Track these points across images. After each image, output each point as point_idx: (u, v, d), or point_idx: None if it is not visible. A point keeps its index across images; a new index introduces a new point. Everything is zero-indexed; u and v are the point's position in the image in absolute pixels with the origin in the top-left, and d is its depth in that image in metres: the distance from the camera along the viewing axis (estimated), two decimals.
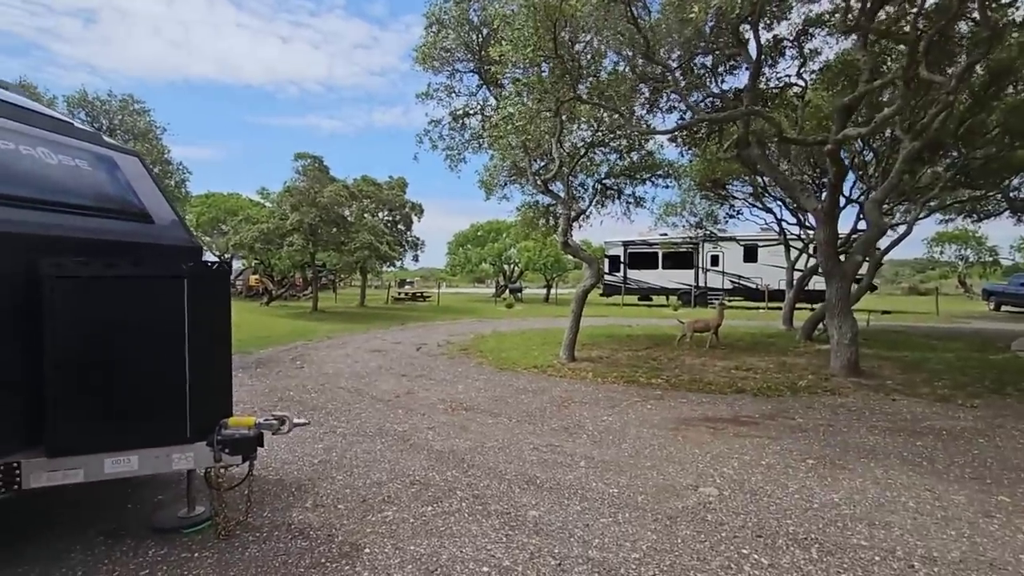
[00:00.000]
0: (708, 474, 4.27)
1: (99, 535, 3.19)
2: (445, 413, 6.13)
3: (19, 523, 3.26)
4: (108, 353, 2.94)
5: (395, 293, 32.34)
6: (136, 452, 2.97)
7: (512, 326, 16.22)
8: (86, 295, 2.90)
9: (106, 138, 4.25)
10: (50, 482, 2.85)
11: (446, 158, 10.24)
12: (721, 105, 9.16)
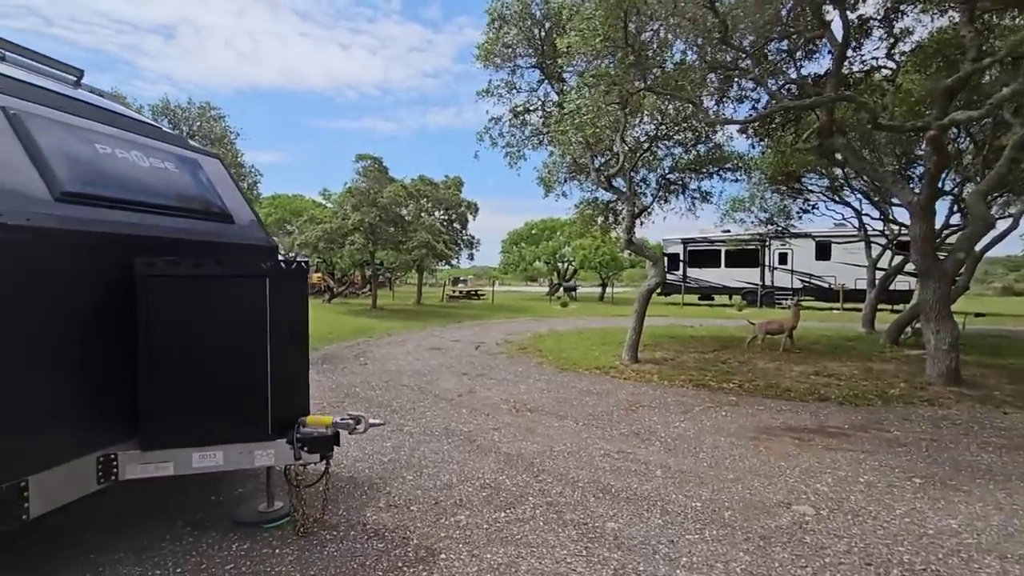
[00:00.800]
0: (799, 490, 3.94)
1: (186, 526, 3.28)
2: (509, 414, 6.03)
3: (115, 512, 3.40)
4: (196, 350, 3.00)
5: (449, 291, 32.74)
6: (221, 448, 3.02)
7: (569, 325, 15.99)
8: (176, 294, 2.97)
9: (191, 141, 4.40)
10: (143, 474, 2.94)
11: (506, 155, 10.17)
12: (799, 92, 8.57)
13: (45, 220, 2.56)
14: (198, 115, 15.61)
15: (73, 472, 2.69)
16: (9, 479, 2.37)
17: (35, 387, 2.50)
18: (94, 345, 2.79)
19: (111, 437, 2.88)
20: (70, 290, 2.67)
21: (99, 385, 2.82)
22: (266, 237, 4.35)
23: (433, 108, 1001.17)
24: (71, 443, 2.68)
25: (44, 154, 2.74)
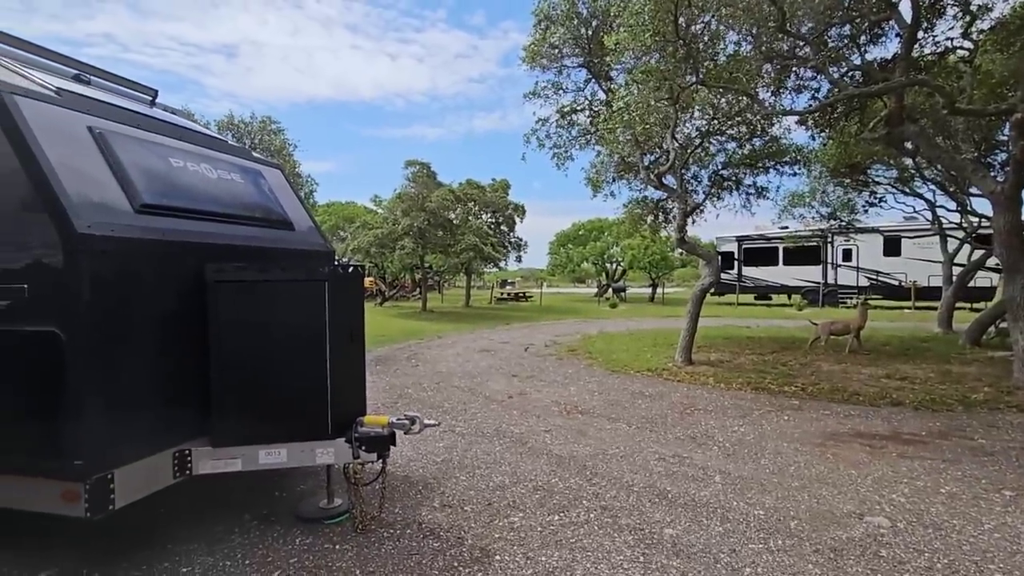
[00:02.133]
0: (873, 500, 3.70)
1: (253, 520, 3.44)
2: (560, 416, 5.99)
3: (189, 506, 3.60)
4: (261, 352, 3.14)
5: (497, 293, 32.95)
6: (285, 446, 3.15)
7: (618, 327, 15.74)
8: (243, 298, 3.12)
9: (254, 153, 4.63)
10: (214, 469, 3.11)
11: (553, 156, 10.13)
12: (864, 79, 8.09)
13: (127, 231, 2.75)
14: (259, 129, 16.48)
15: (152, 467, 2.87)
16: (97, 472, 2.56)
17: (121, 386, 2.69)
18: (171, 347, 2.97)
19: (185, 434, 3.05)
20: (149, 296, 2.86)
21: (175, 385, 3.00)
22: (324, 243, 4.51)
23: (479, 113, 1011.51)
24: (151, 439, 2.86)
25: (125, 169, 2.94)
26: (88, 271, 2.53)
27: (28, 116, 2.60)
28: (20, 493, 2.65)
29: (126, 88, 4.05)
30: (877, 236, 21.17)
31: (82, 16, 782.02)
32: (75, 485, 2.53)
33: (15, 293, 2.57)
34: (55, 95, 2.91)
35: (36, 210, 2.52)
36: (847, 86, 7.78)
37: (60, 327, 2.51)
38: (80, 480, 2.52)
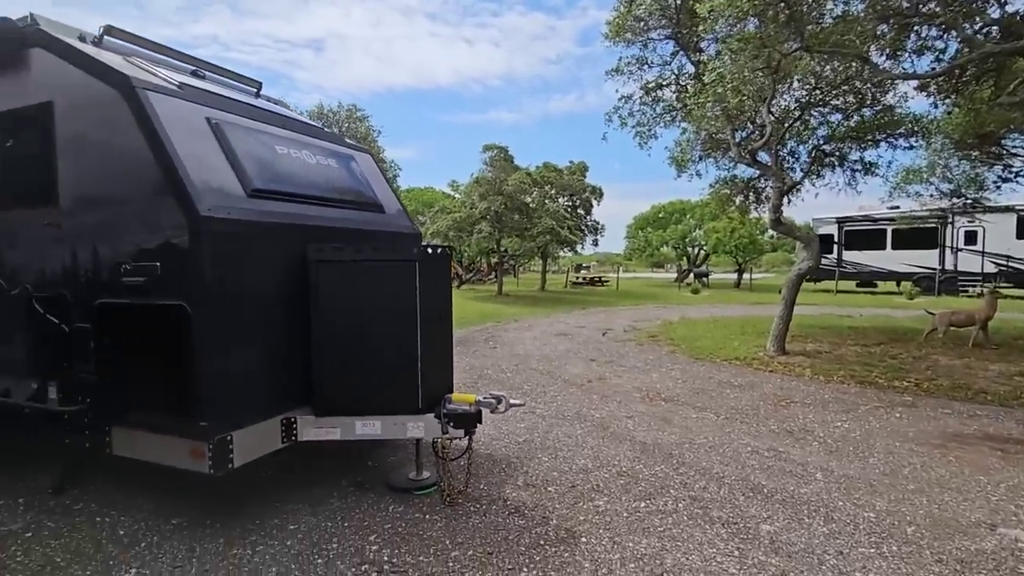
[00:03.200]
0: (1008, 511, 3.28)
1: (349, 486, 3.65)
2: (643, 402, 5.84)
3: (292, 469, 3.89)
4: (357, 328, 3.30)
5: (573, 278, 32.69)
6: (379, 418, 3.30)
7: (701, 313, 15.08)
8: (340, 277, 3.27)
9: (347, 139, 4.83)
10: (316, 437, 3.32)
11: (635, 135, 9.74)
12: (1003, 35, 7.04)
13: (241, 214, 2.96)
14: (346, 117, 17.32)
15: (264, 431, 3.11)
16: (219, 433, 2.81)
17: (238, 356, 2.93)
18: (279, 321, 3.19)
19: (292, 403, 3.28)
20: (260, 274, 3.07)
21: (283, 356, 3.22)
22: (411, 225, 4.65)
23: (556, 95, 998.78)
24: (263, 406, 3.11)
25: (238, 156, 3.17)
26: (209, 250, 2.76)
27: (157, 108, 2.85)
28: (158, 448, 2.98)
29: (235, 81, 4.34)
30: (1010, 216, 18.62)
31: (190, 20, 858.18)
32: (201, 444, 2.80)
33: (150, 271, 2.86)
34: (178, 89, 3.18)
35: (165, 194, 2.78)
36: (982, 44, 6.81)
37: (187, 301, 2.76)
38: (205, 440, 2.78)
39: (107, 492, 3.42)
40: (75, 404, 3.13)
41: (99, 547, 2.85)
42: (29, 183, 3.22)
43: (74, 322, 3.11)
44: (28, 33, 3.14)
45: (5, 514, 3.19)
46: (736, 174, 11.06)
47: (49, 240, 3.16)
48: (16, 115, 3.23)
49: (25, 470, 3.69)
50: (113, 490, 3.43)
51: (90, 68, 2.97)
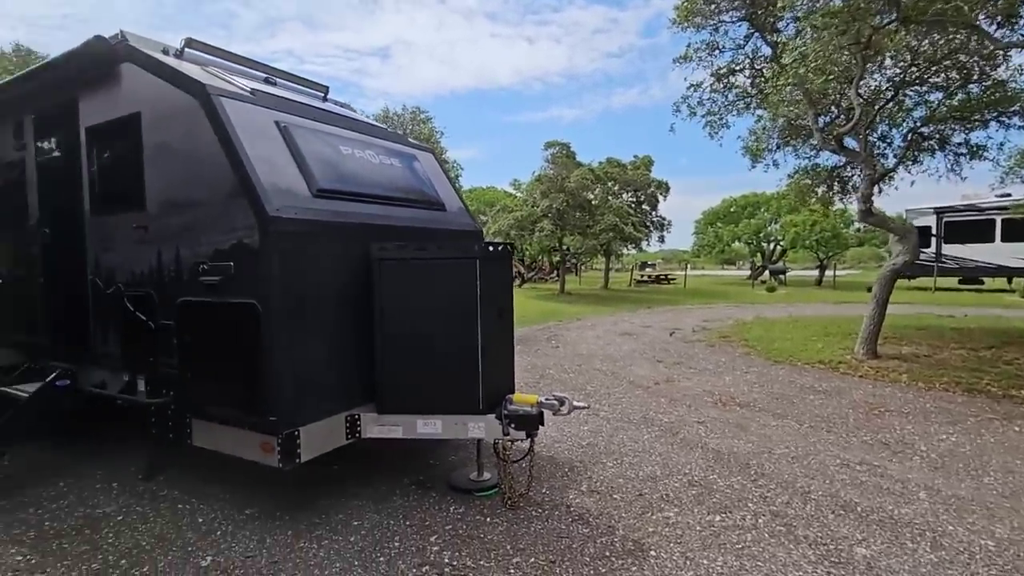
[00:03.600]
0: None
1: (411, 484, 3.65)
2: (715, 407, 5.51)
3: (357, 464, 3.95)
4: (419, 326, 3.28)
5: (637, 275, 31.86)
6: (440, 417, 3.27)
7: (778, 312, 14.18)
8: (403, 275, 3.27)
9: (410, 139, 4.86)
10: (379, 434, 3.34)
11: (705, 125, 9.25)
12: None
13: (307, 213, 3.02)
14: (410, 119, 17.76)
15: (329, 427, 3.16)
16: (287, 428, 2.87)
17: (305, 353, 2.99)
18: (345, 319, 3.23)
19: (356, 400, 3.32)
20: (325, 272, 3.12)
21: (348, 354, 3.26)
22: (473, 223, 4.61)
23: (618, 89, 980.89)
24: (329, 403, 3.15)
25: (304, 157, 3.24)
26: (277, 249, 2.82)
27: (230, 113, 2.96)
28: (232, 441, 3.10)
29: (303, 87, 4.48)
30: None
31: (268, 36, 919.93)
32: (270, 438, 2.88)
33: (225, 270, 2.97)
34: (250, 95, 3.29)
35: (238, 196, 2.87)
36: None
37: (257, 299, 2.84)
38: (274, 434, 2.86)
39: (189, 481, 3.61)
40: (160, 397, 3.32)
41: (180, 533, 3.00)
42: (121, 189, 3.45)
43: (159, 319, 3.30)
44: (119, 49, 3.36)
45: (102, 497, 3.44)
46: (818, 163, 10.28)
47: (137, 242, 3.37)
48: (111, 126, 3.48)
49: (122, 456, 3.98)
50: (194, 479, 3.62)
51: (171, 78, 3.13)
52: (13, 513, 3.24)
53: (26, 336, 4.19)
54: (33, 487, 3.58)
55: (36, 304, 4.04)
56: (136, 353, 3.45)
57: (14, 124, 4.08)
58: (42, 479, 3.70)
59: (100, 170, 3.61)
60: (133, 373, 3.49)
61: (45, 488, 3.57)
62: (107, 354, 3.67)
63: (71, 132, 3.67)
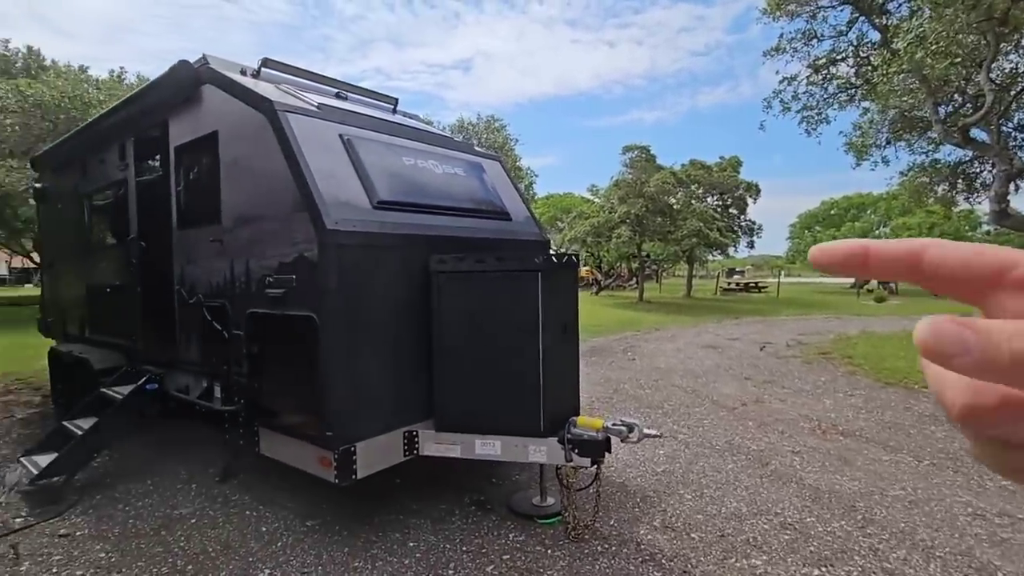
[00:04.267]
0: None
1: (471, 505, 3.50)
2: (813, 435, 4.90)
3: (418, 478, 3.87)
4: (477, 342, 3.14)
5: (723, 283, 30.11)
6: (499, 438, 3.09)
7: (889, 326, 12.68)
8: (461, 288, 3.14)
9: (476, 147, 4.77)
10: (436, 452, 3.21)
11: (801, 121, 8.48)
12: None
13: (365, 225, 2.97)
14: (484, 128, 17.96)
15: (387, 444, 3.08)
16: (344, 443, 2.82)
17: (363, 367, 2.93)
18: (404, 333, 3.16)
19: (414, 416, 3.22)
20: (384, 285, 3.06)
21: (406, 369, 3.18)
22: (539, 232, 4.42)
23: (703, 88, 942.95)
24: (387, 418, 3.08)
25: (366, 169, 3.21)
26: (335, 262, 2.79)
27: (295, 127, 2.98)
28: (293, 453, 3.11)
29: (374, 100, 4.53)
30: None
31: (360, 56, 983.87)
32: (327, 453, 2.84)
33: (288, 283, 2.99)
34: (316, 109, 3.32)
35: (300, 209, 2.88)
36: None
37: (316, 312, 2.82)
38: (331, 449, 2.81)
39: (259, 486, 3.71)
40: (232, 404, 3.42)
41: (243, 541, 3.04)
42: (201, 204, 3.63)
43: (231, 329, 3.40)
44: (201, 72, 3.54)
45: (181, 497, 3.61)
46: (938, 158, 9.11)
47: (214, 255, 3.51)
48: (194, 144, 3.67)
49: (205, 457, 4.18)
50: (264, 484, 3.71)
51: (243, 96, 3.23)
52: (105, 508, 3.47)
53: (126, 340, 4.54)
54: (125, 483, 3.84)
55: (134, 311, 4.36)
56: (213, 360, 3.59)
57: (119, 146, 4.45)
58: (135, 475, 3.96)
59: (185, 186, 3.82)
60: (211, 380, 3.63)
61: (136, 484, 3.81)
62: (190, 360, 3.87)
63: (163, 151, 3.93)
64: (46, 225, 6.46)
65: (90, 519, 3.33)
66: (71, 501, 3.52)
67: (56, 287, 6.09)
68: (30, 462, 3.68)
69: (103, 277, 4.85)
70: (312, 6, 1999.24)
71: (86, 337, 5.27)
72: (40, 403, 6.02)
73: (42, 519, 3.30)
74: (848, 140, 9.37)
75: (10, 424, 5.23)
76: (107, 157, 4.69)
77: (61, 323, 5.89)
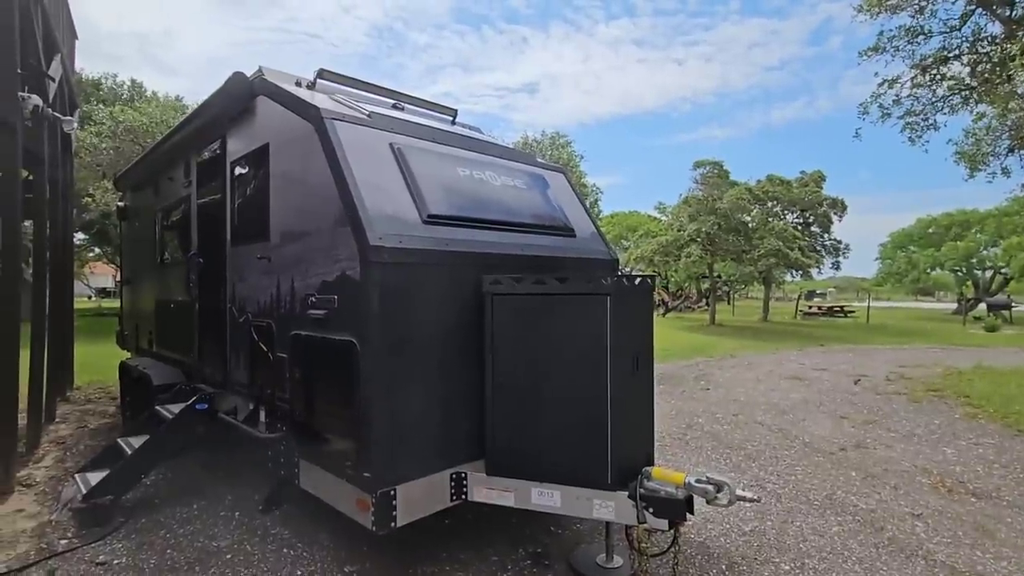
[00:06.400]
0: None
1: (526, 558, 3.08)
2: (935, 493, 4.09)
3: (470, 520, 3.49)
4: (536, 374, 2.75)
5: (804, 306, 27.96)
6: (559, 488, 2.67)
7: (1009, 359, 11.04)
8: (519, 313, 2.78)
9: (538, 159, 4.44)
10: (487, 499, 2.83)
11: (904, 128, 7.54)
12: None
13: (414, 242, 2.68)
14: (549, 144, 17.75)
15: (432, 486, 2.74)
16: (383, 486, 2.50)
17: (405, 400, 2.62)
18: (453, 362, 2.82)
19: (463, 456, 2.87)
20: (433, 308, 2.75)
21: (456, 402, 2.84)
22: (607, 251, 4.00)
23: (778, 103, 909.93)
24: (432, 458, 2.74)
25: (417, 181, 2.94)
26: (378, 282, 2.51)
27: (341, 136, 2.77)
28: (332, 491, 2.83)
29: (432, 111, 4.32)
30: None
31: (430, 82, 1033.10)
32: (365, 495, 2.53)
33: (329, 303, 2.75)
34: (366, 118, 3.11)
35: (343, 224, 2.64)
36: None
37: (356, 336, 2.55)
38: (368, 491, 2.51)
39: (300, 521, 3.46)
40: (275, 431, 3.21)
41: None
42: (252, 219, 3.51)
43: (276, 351, 3.21)
44: (256, 84, 3.44)
45: (221, 527, 3.43)
46: None
47: (262, 272, 3.36)
48: (248, 158, 3.57)
49: (253, 483, 4.02)
50: (306, 519, 3.46)
51: (294, 106, 3.07)
52: (147, 534, 3.34)
53: (185, 357, 4.52)
54: (172, 506, 3.72)
55: (192, 328, 4.33)
56: (258, 383, 3.42)
57: (184, 163, 4.49)
58: (182, 498, 3.85)
59: (237, 201, 3.73)
60: (256, 403, 3.46)
61: (182, 508, 3.69)
62: (239, 381, 3.73)
63: (220, 166, 3.88)
64: (125, 242, 6.77)
65: (131, 545, 3.19)
66: (117, 524, 3.43)
67: (132, 302, 6.32)
68: (82, 479, 3.64)
69: (168, 293, 4.91)
70: (388, 38, 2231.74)
71: (154, 352, 5.37)
72: (113, 414, 6.21)
73: (85, 542, 3.20)
74: (959, 149, 8.28)
75: (81, 435, 5.38)
76: (175, 175, 4.76)
77: (135, 337, 6.08)
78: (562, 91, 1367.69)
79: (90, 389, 7.51)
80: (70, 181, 7.16)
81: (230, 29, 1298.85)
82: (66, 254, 6.68)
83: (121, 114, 12.33)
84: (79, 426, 5.69)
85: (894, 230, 30.38)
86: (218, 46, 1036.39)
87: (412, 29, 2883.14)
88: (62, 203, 6.32)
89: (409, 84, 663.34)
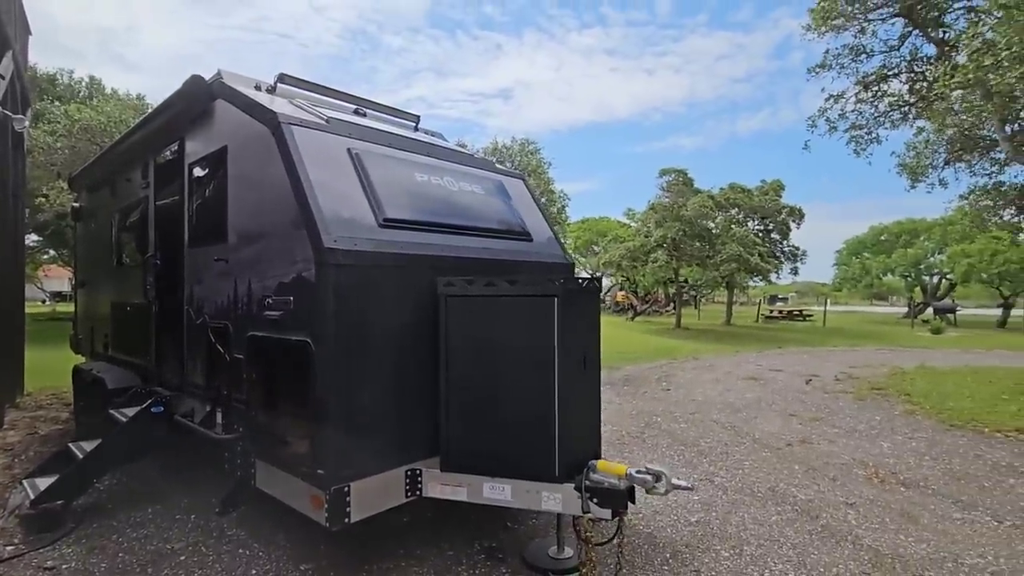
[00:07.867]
0: None
1: (481, 553, 3.18)
2: (869, 484, 4.36)
3: (423, 518, 3.57)
4: (486, 373, 2.86)
5: (765, 310, 28.88)
6: (510, 482, 2.78)
7: (950, 360, 11.70)
8: (469, 314, 2.89)
9: (497, 164, 4.57)
10: (441, 495, 2.92)
11: (849, 141, 7.98)
12: None
13: (368, 244, 2.77)
14: (518, 151, 17.96)
15: (386, 483, 2.81)
16: (336, 483, 2.57)
17: (359, 399, 2.69)
18: (407, 362, 2.91)
19: (418, 453, 2.95)
20: (387, 310, 2.83)
21: (410, 401, 2.92)
22: (563, 255, 4.15)
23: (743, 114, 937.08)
24: (386, 455, 2.82)
25: (374, 185, 3.02)
26: (332, 283, 2.58)
27: (298, 140, 2.83)
28: (287, 490, 2.88)
29: (395, 116, 4.40)
30: None
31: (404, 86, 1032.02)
32: (319, 492, 2.59)
33: (285, 304, 2.81)
34: (324, 123, 3.18)
35: (299, 226, 2.70)
36: None
37: (311, 336, 2.61)
38: (322, 488, 2.57)
39: (257, 521, 3.47)
40: (232, 432, 3.23)
41: None
42: (209, 221, 3.53)
43: (233, 352, 3.23)
44: (214, 87, 3.47)
45: (176, 529, 3.42)
46: (1002, 180, 8.41)
47: (219, 274, 3.38)
48: (206, 160, 3.59)
49: (211, 485, 4.00)
50: (262, 519, 3.47)
51: (251, 110, 3.12)
52: (99, 538, 3.31)
53: (141, 360, 4.47)
54: (127, 510, 3.68)
55: (148, 330, 4.29)
56: (215, 385, 3.42)
57: (142, 164, 4.46)
58: (137, 502, 3.81)
59: (196, 203, 3.74)
60: (213, 405, 3.46)
61: (136, 512, 3.66)
62: (196, 383, 3.72)
63: (179, 168, 3.87)
64: (80, 244, 6.60)
65: (81, 550, 3.16)
66: (67, 529, 3.38)
67: (86, 305, 6.17)
68: (31, 485, 3.57)
69: (124, 296, 4.83)
70: (362, 40, 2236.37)
71: (109, 355, 5.26)
72: (66, 420, 6.04)
73: (33, 548, 3.16)
74: (901, 161, 8.79)
75: (30, 441, 5.23)
76: (132, 175, 4.71)
77: (90, 341, 5.94)
78: (536, 98, 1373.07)
79: (41, 395, 7.27)
80: (22, 181, 6.95)
81: (198, 27, 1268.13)
82: (18, 256, 6.48)
83: (77, 112, 11.95)
84: (29, 432, 5.53)
85: (849, 237, 31.79)
86: (185, 43, 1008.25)
87: (386, 32, 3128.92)
88: (13, 203, 6.15)
89: (383, 87, 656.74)
